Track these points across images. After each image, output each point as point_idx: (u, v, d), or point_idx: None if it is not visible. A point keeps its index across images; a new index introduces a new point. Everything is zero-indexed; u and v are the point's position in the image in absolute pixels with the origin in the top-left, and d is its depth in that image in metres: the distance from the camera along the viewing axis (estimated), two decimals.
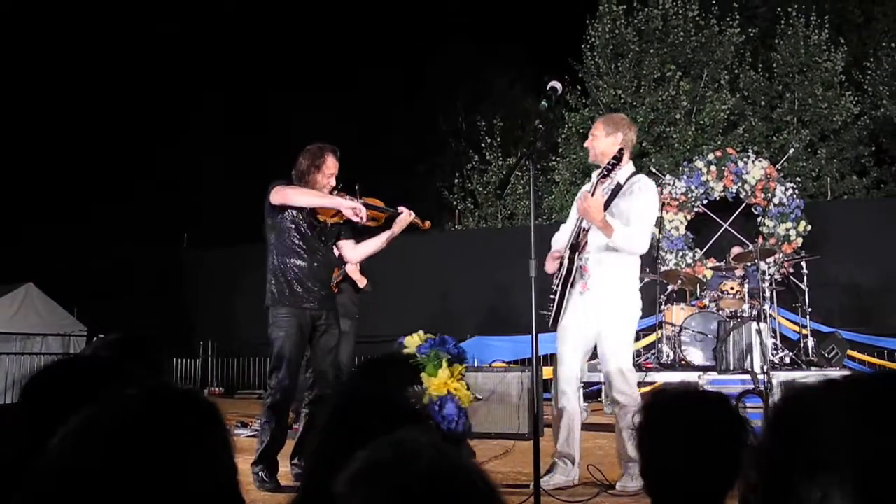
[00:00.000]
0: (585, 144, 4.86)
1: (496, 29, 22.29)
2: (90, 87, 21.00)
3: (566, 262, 4.60)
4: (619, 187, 4.55)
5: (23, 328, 13.57)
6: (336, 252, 5.23)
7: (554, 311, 4.63)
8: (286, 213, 4.80)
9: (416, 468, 0.94)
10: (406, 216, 5.02)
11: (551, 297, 4.67)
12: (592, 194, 4.44)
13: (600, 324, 4.51)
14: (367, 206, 4.93)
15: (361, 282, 5.63)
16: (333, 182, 4.94)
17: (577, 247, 4.59)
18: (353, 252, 5.19)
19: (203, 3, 22.00)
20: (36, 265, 16.29)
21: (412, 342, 5.26)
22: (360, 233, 5.09)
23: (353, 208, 4.72)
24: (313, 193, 4.78)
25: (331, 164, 4.91)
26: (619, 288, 4.52)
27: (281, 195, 4.73)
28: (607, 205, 4.46)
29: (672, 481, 1.77)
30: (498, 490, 0.99)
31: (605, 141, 4.64)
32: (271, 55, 22.47)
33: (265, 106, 22.08)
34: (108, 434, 1.13)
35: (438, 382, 4.91)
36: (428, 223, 5.25)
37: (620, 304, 4.53)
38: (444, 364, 5.00)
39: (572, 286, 4.58)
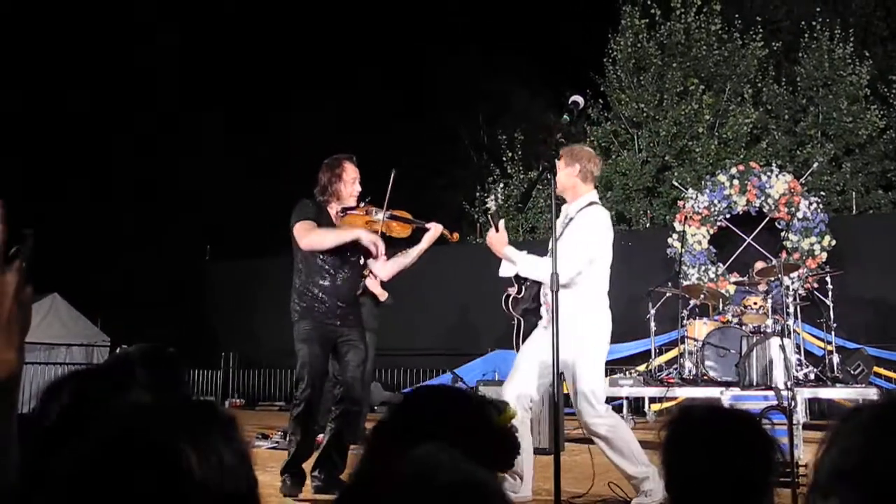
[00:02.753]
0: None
1: (518, 42, 22.33)
2: (114, 97, 21.24)
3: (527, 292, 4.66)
4: (569, 220, 4.57)
5: (48, 338, 13.69)
6: (366, 268, 5.20)
7: (515, 337, 4.68)
8: None
9: (436, 483, 0.95)
10: (435, 231, 5.02)
11: (512, 322, 4.72)
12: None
13: (565, 353, 4.25)
14: (395, 218, 4.94)
15: (382, 296, 5.65)
16: (359, 188, 4.95)
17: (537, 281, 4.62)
18: (383, 269, 5.18)
19: (227, 12, 22.22)
20: (61, 276, 16.44)
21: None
22: (387, 244, 5.08)
23: (373, 243, 4.73)
24: (334, 232, 4.81)
25: (350, 171, 4.93)
26: (582, 317, 4.40)
27: (308, 243, 4.77)
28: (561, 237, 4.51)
29: (697, 499, 1.75)
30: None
31: (562, 174, 4.57)
32: (290, 70, 22.62)
33: (287, 122, 22.22)
34: (117, 447, 1.14)
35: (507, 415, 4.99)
36: (456, 235, 5.25)
37: (585, 332, 4.42)
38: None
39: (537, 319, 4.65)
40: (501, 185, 18.34)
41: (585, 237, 4.44)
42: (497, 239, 4.65)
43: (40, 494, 1.29)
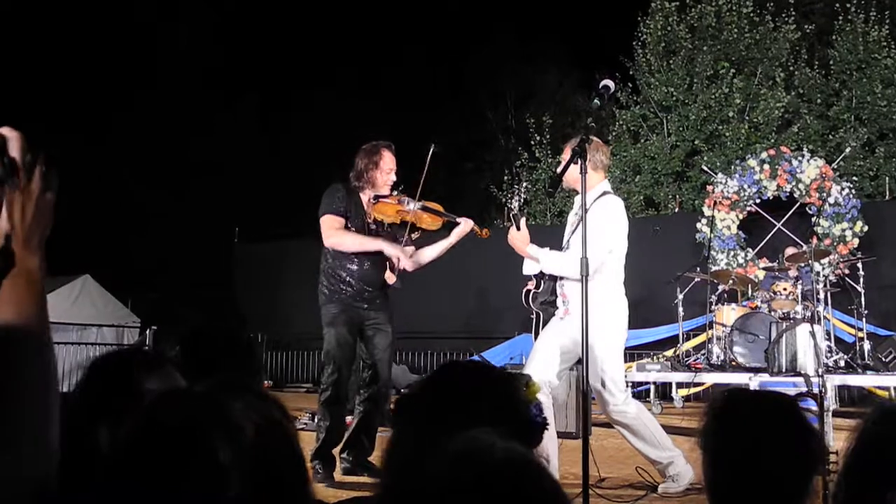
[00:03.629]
0: (558, 170, 4.82)
1: (546, 25, 22.20)
2: (143, 80, 21.40)
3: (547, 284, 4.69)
4: (585, 211, 4.54)
5: (79, 318, 13.90)
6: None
7: (535, 331, 4.72)
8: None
9: (491, 460, 0.98)
10: (465, 227, 5.00)
11: (530, 316, 4.75)
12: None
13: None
14: (426, 209, 4.93)
15: (390, 279, 5.62)
16: (394, 177, 4.95)
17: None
18: (410, 260, 5.19)
19: None
20: (93, 257, 16.65)
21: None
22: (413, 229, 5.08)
23: (396, 257, 4.76)
24: (357, 239, 4.84)
25: (388, 160, 4.93)
26: (601, 306, 4.26)
27: (331, 242, 4.86)
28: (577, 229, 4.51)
29: (739, 489, 1.73)
30: (561, 488, 1.03)
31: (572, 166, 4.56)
32: (315, 52, 22.66)
33: (311, 103, 22.27)
34: (170, 427, 1.17)
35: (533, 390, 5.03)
36: (487, 231, 5.22)
37: (604, 321, 4.34)
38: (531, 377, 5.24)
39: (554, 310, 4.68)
40: (522, 180, 18.29)
41: (604, 227, 4.42)
42: (519, 238, 4.63)
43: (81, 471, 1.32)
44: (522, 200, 4.64)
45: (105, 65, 21.34)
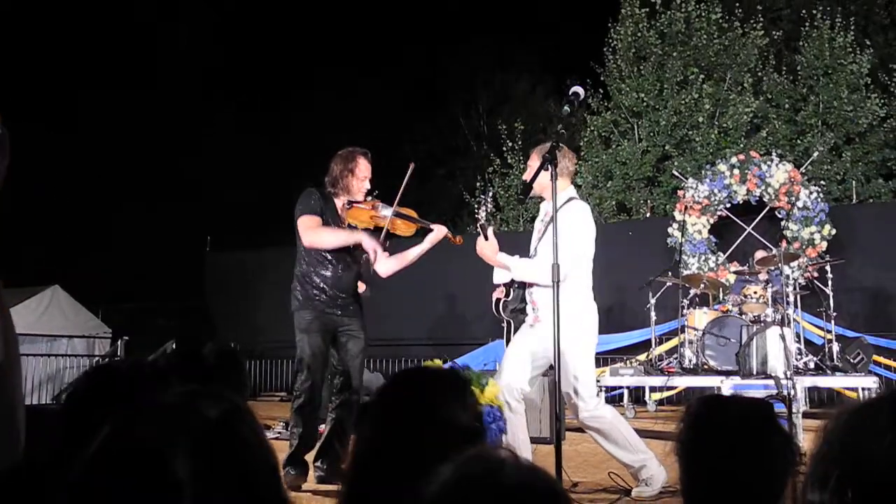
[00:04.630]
0: (524, 177, 4.84)
1: (517, 32, 22.30)
2: (116, 88, 21.21)
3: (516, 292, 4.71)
4: (551, 219, 4.57)
5: (49, 330, 13.71)
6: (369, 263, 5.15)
7: (507, 339, 4.75)
8: None
9: (506, 481, 0.97)
10: (438, 233, 5.00)
11: (501, 325, 4.77)
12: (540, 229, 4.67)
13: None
14: (400, 216, 4.93)
15: (360, 287, 5.61)
16: (368, 185, 4.96)
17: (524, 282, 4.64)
18: (383, 266, 5.17)
19: (218, 6, 22.18)
20: (62, 268, 16.46)
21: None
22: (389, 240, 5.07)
23: (374, 249, 4.75)
24: (337, 233, 4.84)
25: (363, 167, 4.94)
26: (569, 314, 4.22)
27: (309, 240, 4.82)
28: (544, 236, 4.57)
29: (715, 495, 1.73)
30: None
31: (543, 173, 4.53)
32: (287, 58, 22.61)
33: (283, 111, 22.21)
34: (109, 452, 1.16)
35: (490, 394, 5.08)
36: (460, 238, 5.22)
37: (573, 328, 4.33)
38: (490, 380, 5.27)
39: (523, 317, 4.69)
40: (490, 190, 18.32)
41: (572, 233, 4.43)
42: (488, 247, 4.64)
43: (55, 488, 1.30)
44: (490, 209, 4.62)
45: (73, 73, 21.14)
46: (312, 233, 4.79)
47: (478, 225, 4.71)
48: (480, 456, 1.01)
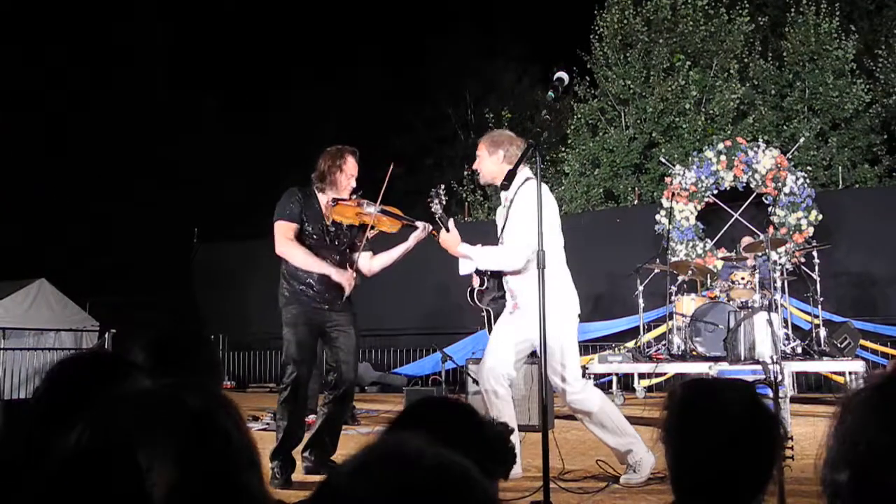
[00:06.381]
0: (473, 167, 4.86)
1: (504, 20, 22.26)
2: (103, 79, 21.08)
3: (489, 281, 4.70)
4: (510, 203, 4.57)
5: (36, 323, 13.65)
6: (354, 259, 5.10)
7: (487, 328, 4.75)
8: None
9: (421, 464, 0.94)
10: (422, 231, 4.98)
11: (481, 314, 4.77)
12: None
13: (536, 333, 4.01)
14: (385, 213, 4.91)
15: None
16: (354, 184, 4.94)
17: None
18: (367, 264, 5.14)
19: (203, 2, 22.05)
20: (49, 261, 16.37)
21: None
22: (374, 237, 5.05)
23: (347, 280, 4.74)
24: (306, 258, 4.78)
25: (351, 165, 4.92)
26: (548, 296, 4.02)
27: (280, 250, 4.82)
28: (506, 223, 4.58)
29: (703, 480, 1.72)
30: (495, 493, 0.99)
31: (488, 162, 4.70)
32: (273, 51, 22.51)
33: (271, 103, 22.12)
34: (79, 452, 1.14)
35: None
36: None
37: (554, 314, 4.17)
38: None
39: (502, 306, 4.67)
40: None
41: (522, 218, 4.40)
42: (450, 239, 4.66)
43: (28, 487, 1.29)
44: (444, 203, 4.63)
45: (62, 66, 20.98)
46: (285, 245, 4.79)
47: (436, 218, 4.70)
48: (399, 440, 0.98)
